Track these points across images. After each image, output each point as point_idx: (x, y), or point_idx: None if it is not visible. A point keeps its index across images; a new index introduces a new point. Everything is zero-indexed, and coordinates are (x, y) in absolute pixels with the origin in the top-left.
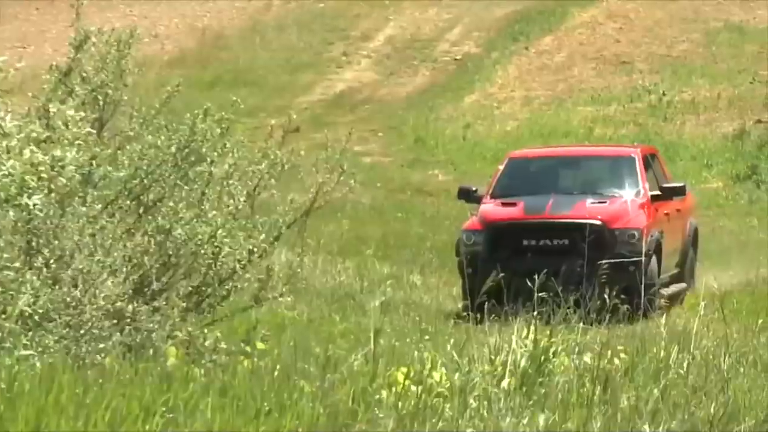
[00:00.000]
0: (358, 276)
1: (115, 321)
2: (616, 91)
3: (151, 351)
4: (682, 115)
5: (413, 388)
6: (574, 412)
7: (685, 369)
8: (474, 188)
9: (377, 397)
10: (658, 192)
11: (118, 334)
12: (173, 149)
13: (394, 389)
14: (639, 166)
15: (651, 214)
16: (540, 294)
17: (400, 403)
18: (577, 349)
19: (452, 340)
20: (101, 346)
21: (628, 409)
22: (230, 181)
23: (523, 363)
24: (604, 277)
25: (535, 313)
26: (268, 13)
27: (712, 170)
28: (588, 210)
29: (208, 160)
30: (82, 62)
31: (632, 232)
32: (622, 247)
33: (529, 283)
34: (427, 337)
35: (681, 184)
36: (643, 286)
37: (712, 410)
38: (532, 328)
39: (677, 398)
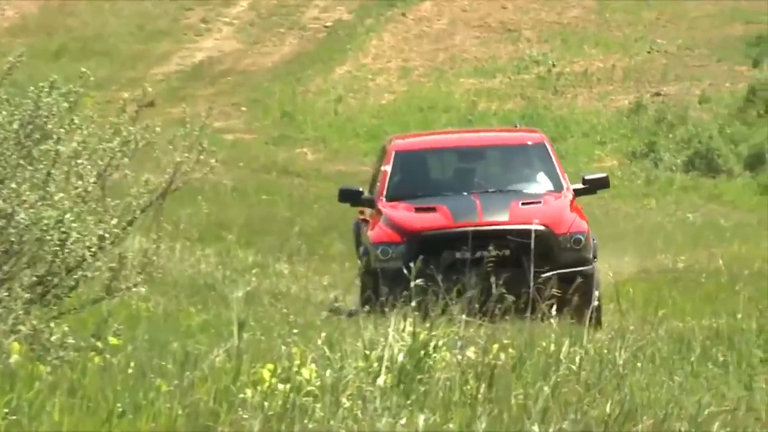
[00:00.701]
0: (220, 264)
1: None
2: (502, 62)
3: None
4: (573, 88)
5: (280, 386)
6: (456, 411)
7: (577, 364)
8: (359, 189)
9: (241, 396)
10: (580, 185)
11: None
12: (15, 126)
13: (259, 388)
14: (553, 154)
15: (582, 214)
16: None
17: (266, 403)
18: (459, 344)
19: (323, 334)
20: None
21: (515, 408)
22: (79, 161)
23: (400, 358)
24: (552, 289)
25: (413, 303)
26: None
27: (605, 148)
28: (526, 213)
29: (54, 137)
30: None
31: (578, 237)
32: (567, 255)
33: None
34: (295, 330)
35: (604, 175)
36: (593, 297)
37: (607, 409)
38: (410, 320)
39: (569, 396)
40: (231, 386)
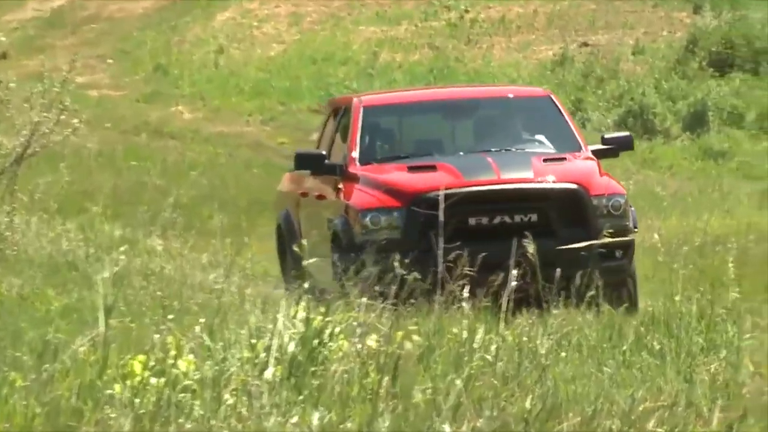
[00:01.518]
0: (83, 240)
1: None
2: (408, 7)
3: None
4: (489, 37)
5: (153, 380)
6: (355, 408)
7: (493, 354)
8: (322, 152)
9: (108, 392)
10: (599, 146)
11: None
12: None
13: (129, 382)
14: (563, 109)
15: (613, 178)
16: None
17: (137, 400)
18: (359, 331)
19: (202, 321)
20: None
21: (423, 404)
22: None
23: (291, 348)
24: (590, 266)
25: (306, 285)
26: None
27: None
28: (554, 170)
29: None
30: None
31: (617, 200)
32: (604, 223)
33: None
34: (171, 316)
35: (627, 134)
36: (634, 275)
37: (527, 405)
38: (303, 304)
39: (484, 391)
40: (96, 381)
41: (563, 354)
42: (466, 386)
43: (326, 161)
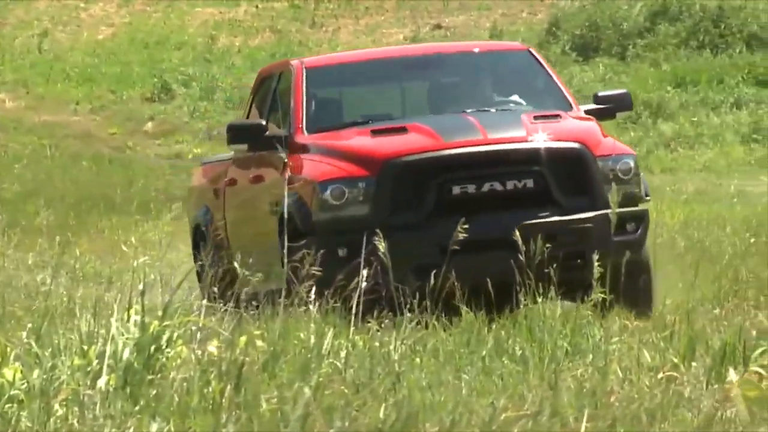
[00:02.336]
0: None
1: None
2: None
3: None
4: (335, 18)
5: None
6: (196, 419)
7: (343, 361)
8: (261, 122)
9: None
10: (592, 106)
11: None
12: None
13: None
14: (546, 65)
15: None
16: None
17: None
18: (199, 336)
19: (29, 325)
20: None
21: (269, 413)
22: None
23: (126, 355)
24: (596, 242)
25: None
26: None
27: None
28: (547, 128)
29: None
30: None
31: (626, 161)
32: (611, 189)
33: (473, 264)
34: None
35: (623, 91)
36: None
37: (380, 414)
38: (137, 307)
39: (334, 399)
40: None
41: (418, 360)
42: (315, 394)
43: (265, 134)
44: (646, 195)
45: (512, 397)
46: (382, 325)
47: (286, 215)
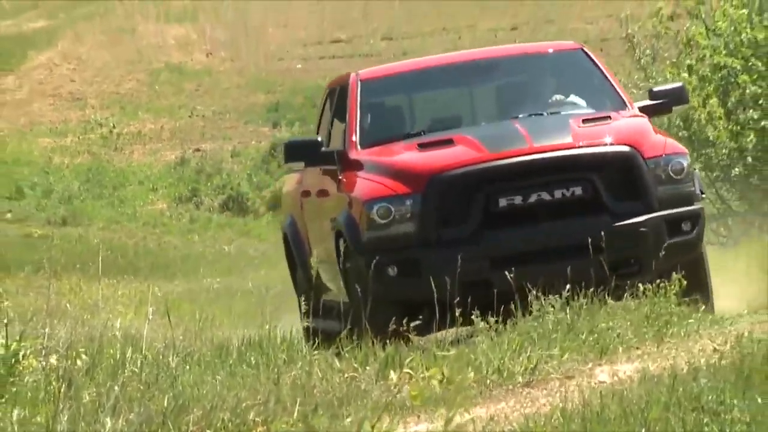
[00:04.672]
0: None
1: None
2: (72, 125)
3: None
4: (130, 145)
5: None
6: (42, 407)
7: (139, 367)
8: (317, 139)
9: None
10: (647, 102)
11: None
12: None
13: None
14: (600, 63)
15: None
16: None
17: None
18: (44, 352)
19: None
20: None
21: (90, 404)
22: None
23: None
24: (653, 247)
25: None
26: None
27: (157, 193)
28: (596, 132)
29: None
30: None
31: (678, 161)
32: (666, 191)
33: (512, 280)
34: None
35: (678, 85)
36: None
37: (164, 403)
38: (1, 337)
39: (133, 393)
40: None
41: (188, 367)
42: (122, 390)
43: (323, 149)
44: (702, 192)
45: (250, 391)
46: (164, 343)
47: (336, 234)
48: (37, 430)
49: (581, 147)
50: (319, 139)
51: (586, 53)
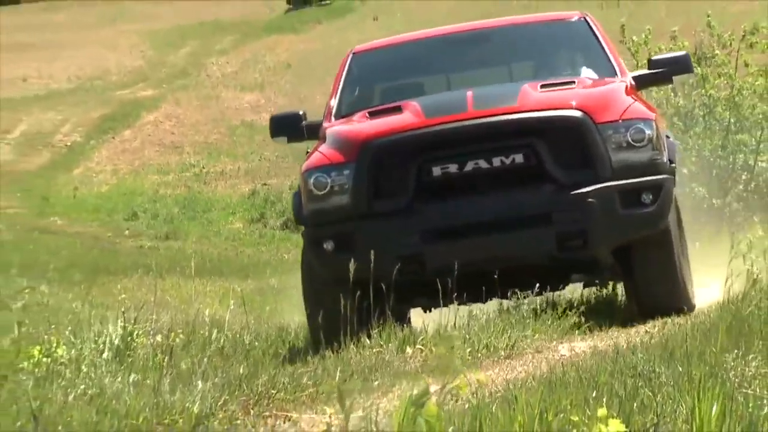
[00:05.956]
0: None
1: None
2: (173, 166)
3: None
4: (215, 181)
5: (45, 359)
6: (150, 373)
7: (221, 344)
8: (297, 112)
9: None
10: (645, 71)
11: None
12: None
13: (32, 360)
14: (599, 32)
15: (647, 104)
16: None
17: (36, 370)
18: (151, 332)
19: (70, 327)
20: None
21: (186, 371)
22: None
23: (116, 341)
24: (601, 219)
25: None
26: None
27: (235, 216)
28: (546, 97)
29: None
30: None
31: (638, 127)
32: (623, 158)
33: (458, 254)
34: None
35: (682, 54)
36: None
37: (240, 370)
38: (121, 321)
39: (217, 363)
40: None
41: (257, 343)
42: (209, 360)
43: (304, 123)
44: (671, 161)
45: (302, 361)
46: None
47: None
48: (146, 391)
49: (522, 111)
50: (301, 112)
51: (587, 22)
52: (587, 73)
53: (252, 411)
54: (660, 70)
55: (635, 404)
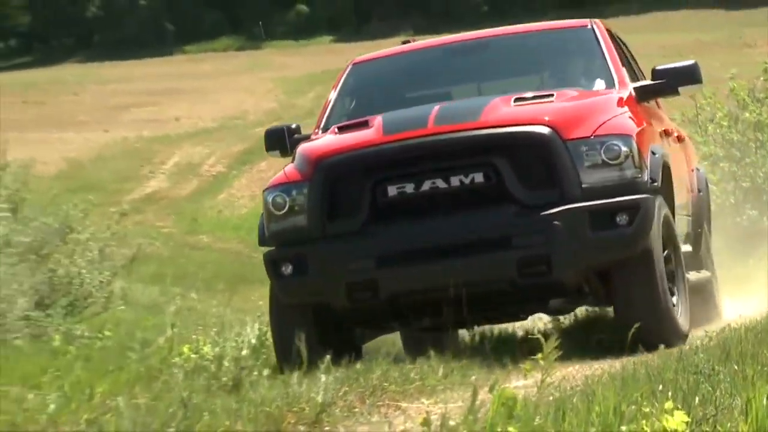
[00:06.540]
0: None
1: None
2: None
3: None
4: None
5: (193, 355)
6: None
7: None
8: (293, 125)
9: (174, 360)
10: (647, 82)
11: None
12: None
13: (183, 356)
14: (604, 41)
15: (642, 118)
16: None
17: (186, 364)
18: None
19: (215, 329)
20: None
21: (311, 367)
22: None
23: (253, 341)
24: (567, 243)
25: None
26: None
27: None
28: (512, 112)
29: None
30: None
31: (612, 144)
32: (594, 178)
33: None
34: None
35: (689, 63)
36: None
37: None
38: (257, 324)
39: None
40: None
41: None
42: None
43: (296, 136)
44: (653, 180)
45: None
46: None
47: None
48: (278, 383)
49: (482, 128)
50: (294, 126)
51: (593, 30)
52: (582, 83)
53: (367, 401)
54: (662, 81)
55: (697, 398)
